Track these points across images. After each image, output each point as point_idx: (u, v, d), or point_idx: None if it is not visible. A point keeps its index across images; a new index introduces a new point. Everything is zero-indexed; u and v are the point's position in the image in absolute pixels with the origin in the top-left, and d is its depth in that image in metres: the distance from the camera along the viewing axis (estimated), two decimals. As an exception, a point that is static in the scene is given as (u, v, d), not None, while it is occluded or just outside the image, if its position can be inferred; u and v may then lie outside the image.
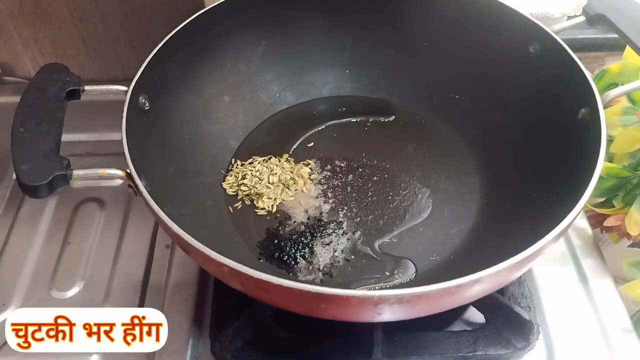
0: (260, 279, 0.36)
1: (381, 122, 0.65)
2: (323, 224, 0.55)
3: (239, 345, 0.50)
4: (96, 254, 0.61)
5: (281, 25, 0.63)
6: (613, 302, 0.54)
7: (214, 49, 0.60)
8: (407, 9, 0.63)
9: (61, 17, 0.74)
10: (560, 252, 0.58)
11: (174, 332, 0.51)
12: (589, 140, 0.45)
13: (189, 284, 0.55)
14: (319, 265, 0.52)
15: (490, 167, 0.59)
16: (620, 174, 0.59)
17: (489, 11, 0.57)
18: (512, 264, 0.37)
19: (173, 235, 0.40)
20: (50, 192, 0.40)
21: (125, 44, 0.77)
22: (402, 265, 0.52)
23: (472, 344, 0.49)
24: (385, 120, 0.65)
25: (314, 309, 0.39)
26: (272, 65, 0.65)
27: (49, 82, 0.47)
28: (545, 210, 0.44)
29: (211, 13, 0.57)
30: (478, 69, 0.61)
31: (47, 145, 0.42)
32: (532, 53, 0.55)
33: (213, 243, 0.38)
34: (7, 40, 0.76)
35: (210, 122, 0.61)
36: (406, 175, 0.59)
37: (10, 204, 0.66)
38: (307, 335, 0.51)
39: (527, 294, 0.53)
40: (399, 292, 0.35)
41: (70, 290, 0.58)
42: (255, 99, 0.65)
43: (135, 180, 0.42)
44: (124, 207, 0.65)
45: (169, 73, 0.54)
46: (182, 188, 0.54)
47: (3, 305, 0.56)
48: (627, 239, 0.62)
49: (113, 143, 0.48)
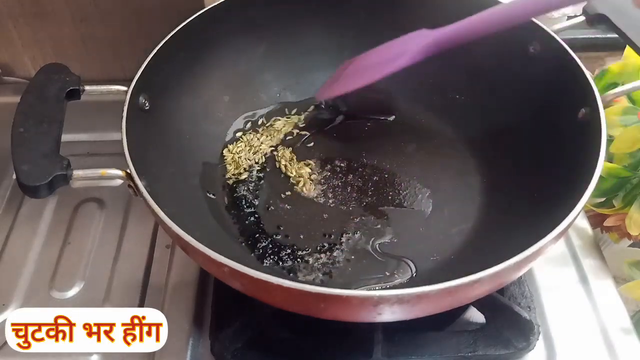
0: (261, 279, 0.36)
1: (381, 122, 0.65)
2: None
3: (239, 345, 0.50)
4: (96, 254, 0.61)
5: (281, 25, 0.63)
6: (613, 302, 0.54)
7: (214, 49, 0.60)
8: (407, 9, 0.63)
9: (61, 17, 0.74)
10: (561, 252, 0.58)
11: (174, 332, 0.51)
12: (589, 140, 0.45)
13: (189, 284, 0.55)
14: (319, 265, 0.52)
15: (490, 167, 0.59)
16: (621, 174, 0.59)
17: (489, 11, 0.57)
18: (512, 264, 0.37)
19: (173, 236, 0.40)
20: (50, 192, 0.40)
21: (125, 44, 0.77)
22: (402, 265, 0.52)
23: (472, 344, 0.49)
24: (385, 120, 0.65)
25: (314, 309, 0.39)
26: (272, 65, 0.65)
27: (49, 82, 0.47)
28: (546, 210, 0.44)
29: (211, 13, 0.57)
30: (478, 69, 0.61)
31: (47, 145, 0.42)
32: (532, 53, 0.55)
33: (213, 243, 0.38)
34: (7, 40, 0.76)
35: (210, 122, 0.61)
36: (406, 175, 0.59)
37: (10, 204, 0.66)
38: (307, 335, 0.51)
39: (527, 294, 0.53)
40: (399, 292, 0.35)
41: (71, 290, 0.58)
42: (256, 99, 0.65)
43: (136, 180, 0.42)
44: (124, 207, 0.65)
45: (169, 73, 0.55)
46: (182, 188, 0.54)
47: (3, 305, 0.56)
48: (628, 239, 0.62)
49: (113, 143, 0.48)
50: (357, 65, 0.57)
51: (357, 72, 0.56)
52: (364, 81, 0.55)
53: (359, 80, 0.56)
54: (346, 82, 0.57)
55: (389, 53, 0.55)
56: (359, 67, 0.57)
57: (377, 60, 0.56)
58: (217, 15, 0.57)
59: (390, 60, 0.54)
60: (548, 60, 0.53)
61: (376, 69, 0.55)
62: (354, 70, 0.57)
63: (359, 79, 0.56)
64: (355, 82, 0.56)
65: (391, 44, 0.56)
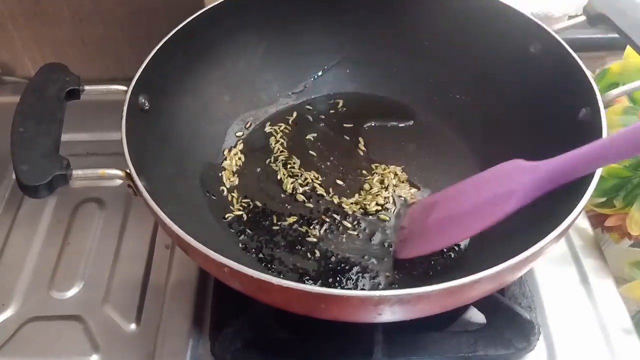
0: (261, 279, 0.36)
1: (381, 122, 0.65)
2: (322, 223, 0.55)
3: (239, 345, 0.50)
4: (96, 254, 0.61)
5: (281, 25, 0.63)
6: (614, 303, 0.54)
7: (214, 48, 0.60)
8: (407, 8, 0.63)
9: (61, 17, 0.74)
10: (561, 252, 0.58)
11: (174, 333, 0.51)
12: (590, 140, 0.45)
13: (188, 284, 0.55)
14: (321, 264, 0.52)
15: (491, 167, 0.59)
16: (621, 174, 0.59)
17: (490, 11, 0.57)
18: (512, 264, 0.37)
19: (173, 236, 0.40)
20: (50, 192, 0.40)
21: (125, 44, 0.77)
22: (402, 265, 0.52)
23: (473, 344, 0.49)
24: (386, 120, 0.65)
25: (314, 309, 0.39)
26: (272, 65, 0.65)
27: (49, 82, 0.47)
28: (546, 210, 0.44)
29: (211, 13, 0.57)
30: (478, 69, 0.61)
31: (47, 145, 0.42)
32: (532, 53, 0.55)
33: (213, 243, 0.38)
34: (7, 40, 0.76)
35: (210, 122, 0.61)
36: (406, 175, 0.59)
37: (10, 204, 0.66)
38: (307, 335, 0.51)
39: (528, 294, 0.53)
40: (399, 293, 0.35)
41: (70, 290, 0.58)
42: (256, 99, 0.65)
43: (135, 180, 0.42)
44: (124, 207, 0.65)
45: (169, 73, 0.54)
46: (182, 188, 0.54)
47: (3, 305, 0.56)
48: (628, 239, 0.62)
49: (113, 143, 0.48)
50: (444, 214, 0.47)
51: (445, 225, 0.46)
52: (458, 238, 0.47)
53: (451, 237, 0.46)
54: (434, 239, 0.47)
55: (485, 195, 0.44)
56: (447, 216, 0.46)
57: (469, 207, 0.45)
58: (217, 15, 0.57)
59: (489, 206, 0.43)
60: (549, 60, 0.53)
61: (473, 220, 0.44)
62: (441, 222, 0.47)
63: (451, 235, 0.46)
64: (447, 239, 0.47)
65: (481, 181, 0.46)
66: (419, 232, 0.49)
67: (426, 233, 0.48)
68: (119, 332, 0.54)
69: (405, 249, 0.50)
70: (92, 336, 0.54)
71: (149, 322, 0.54)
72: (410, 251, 0.49)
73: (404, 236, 0.51)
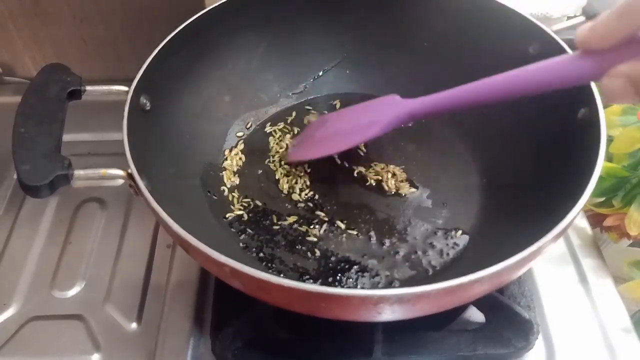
0: (261, 278, 0.36)
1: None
2: (322, 223, 0.55)
3: (240, 345, 0.50)
4: (97, 253, 0.61)
5: (281, 25, 0.63)
6: (613, 302, 0.54)
7: (215, 49, 0.60)
8: (407, 9, 0.63)
9: (62, 17, 0.74)
10: (560, 251, 0.58)
11: (174, 332, 0.51)
12: (589, 140, 0.45)
13: (189, 284, 0.55)
14: (321, 264, 0.52)
15: (490, 167, 0.59)
16: (620, 173, 0.59)
17: (489, 11, 0.57)
18: (512, 263, 0.37)
19: (174, 235, 0.40)
20: (52, 192, 0.40)
21: (126, 45, 0.77)
22: (402, 265, 0.52)
23: (472, 343, 0.50)
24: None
25: (315, 309, 0.39)
26: (272, 65, 0.65)
27: (50, 83, 0.47)
28: (545, 209, 0.44)
29: (212, 13, 0.57)
30: (478, 69, 0.60)
31: (48, 145, 0.42)
32: (531, 53, 0.55)
33: (214, 242, 0.38)
34: (8, 41, 0.76)
35: (211, 122, 0.61)
36: (406, 175, 0.59)
37: (11, 204, 0.66)
38: (307, 334, 0.51)
39: (527, 294, 0.54)
40: (399, 292, 0.35)
41: (71, 289, 0.58)
42: (256, 99, 0.65)
43: (137, 180, 0.42)
44: (125, 207, 0.65)
45: (170, 73, 0.55)
46: (183, 188, 0.54)
47: (4, 304, 0.57)
48: (627, 238, 0.62)
49: (114, 143, 0.48)
50: (328, 130, 0.58)
51: (327, 138, 0.57)
52: (333, 150, 0.57)
53: (329, 148, 0.57)
54: (316, 148, 0.57)
55: (360, 120, 0.55)
56: (330, 132, 0.57)
57: (347, 128, 0.56)
58: (218, 16, 0.57)
59: (360, 130, 0.54)
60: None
61: (346, 138, 0.55)
62: (324, 135, 0.57)
63: (329, 147, 0.57)
64: (325, 150, 0.57)
65: (362, 109, 0.57)
66: (308, 142, 0.59)
67: (315, 143, 0.58)
68: (120, 332, 0.54)
69: (297, 153, 0.60)
70: (93, 335, 0.54)
71: (150, 322, 0.54)
72: (299, 155, 0.59)
73: (298, 143, 0.61)
